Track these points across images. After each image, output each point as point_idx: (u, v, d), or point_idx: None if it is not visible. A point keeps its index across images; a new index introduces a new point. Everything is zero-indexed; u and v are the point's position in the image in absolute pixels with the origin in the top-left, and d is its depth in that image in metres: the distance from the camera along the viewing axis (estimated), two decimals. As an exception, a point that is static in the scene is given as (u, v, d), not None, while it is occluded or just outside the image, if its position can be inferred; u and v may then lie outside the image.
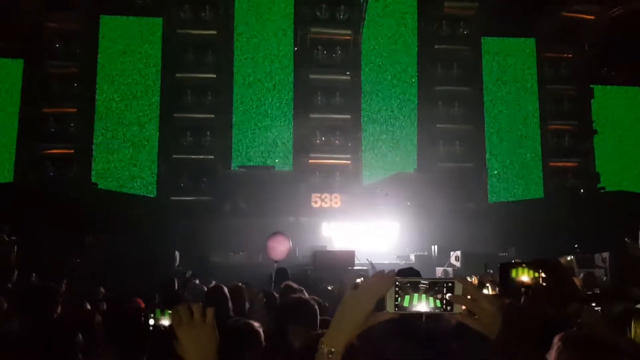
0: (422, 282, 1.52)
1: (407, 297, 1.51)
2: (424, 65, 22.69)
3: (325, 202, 20.33)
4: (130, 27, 21.88)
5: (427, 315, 1.54)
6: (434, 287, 1.51)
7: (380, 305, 1.51)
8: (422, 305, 1.51)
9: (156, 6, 21.63)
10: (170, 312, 1.80)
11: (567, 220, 18.06)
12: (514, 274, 2.17)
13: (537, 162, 22.97)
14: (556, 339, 1.76)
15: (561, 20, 23.32)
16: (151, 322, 2.06)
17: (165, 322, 1.93)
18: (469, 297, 1.47)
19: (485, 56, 23.30)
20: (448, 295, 1.49)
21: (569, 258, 10.34)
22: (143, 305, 3.54)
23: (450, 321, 2.57)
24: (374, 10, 22.45)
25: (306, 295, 4.07)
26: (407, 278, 1.53)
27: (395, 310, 1.50)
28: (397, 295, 1.50)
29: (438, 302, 1.51)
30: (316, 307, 3.13)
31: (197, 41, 21.88)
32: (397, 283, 1.50)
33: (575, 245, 16.15)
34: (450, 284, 1.50)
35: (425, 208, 18.00)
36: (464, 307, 1.50)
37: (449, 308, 1.50)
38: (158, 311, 2.04)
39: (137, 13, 21.96)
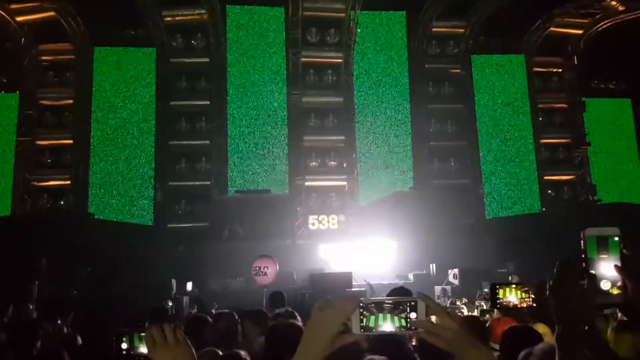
0: (386, 302, 1.54)
1: (372, 318, 1.53)
2: (415, 84, 22.89)
3: (323, 224, 20.32)
4: (124, 58, 22.10)
5: (393, 334, 1.55)
6: (398, 307, 1.52)
7: (347, 326, 1.52)
8: (387, 325, 1.52)
9: (149, 36, 21.89)
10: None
11: (565, 234, 18.01)
12: (501, 294, 2.18)
13: (532, 176, 23.02)
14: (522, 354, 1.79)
15: (549, 36, 23.61)
16: (124, 345, 1.98)
17: (144, 349, 1.88)
18: (432, 317, 1.49)
19: (475, 73, 23.52)
20: (412, 314, 1.51)
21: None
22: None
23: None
24: (364, 32, 22.72)
25: (299, 320, 4.08)
26: (372, 299, 1.55)
27: (361, 331, 1.52)
28: (362, 317, 1.52)
29: (403, 321, 1.52)
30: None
31: (190, 69, 22.12)
32: (361, 304, 1.52)
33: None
34: (413, 303, 1.52)
35: (423, 226, 17.97)
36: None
37: (413, 327, 1.51)
38: (136, 337, 1.99)
39: (130, 44, 22.24)
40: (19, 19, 21.39)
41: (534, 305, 2.15)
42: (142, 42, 22.19)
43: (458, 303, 9.59)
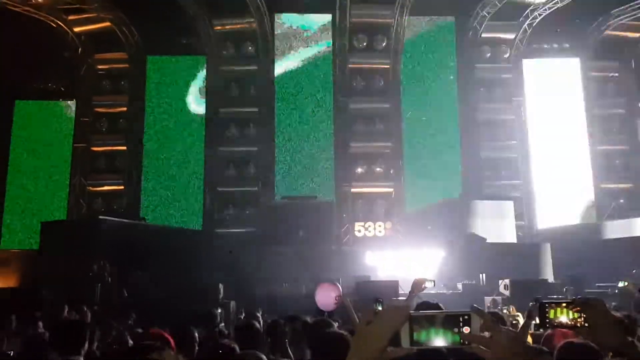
0: (438, 315, 1.48)
1: (423, 332, 1.46)
2: (464, 89, 22.51)
3: (369, 231, 20.19)
4: (175, 66, 22.70)
5: (447, 349, 1.49)
6: (451, 321, 1.46)
7: (396, 340, 1.47)
8: (439, 339, 1.46)
9: (200, 45, 22.39)
10: None
11: (622, 245, 17.30)
12: (552, 314, 2.05)
13: (587, 185, 22.20)
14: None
15: (606, 39, 22.83)
16: None
17: None
18: (485, 332, 1.42)
19: (527, 78, 22.93)
20: (465, 329, 1.45)
21: (620, 284, 9.71)
22: (172, 341, 3.55)
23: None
24: (412, 37, 22.52)
25: (334, 327, 4.02)
26: (423, 312, 1.50)
27: (410, 345, 1.46)
28: (412, 330, 1.46)
29: (456, 336, 1.46)
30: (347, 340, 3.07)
31: (239, 77, 22.48)
32: (412, 317, 1.47)
33: (633, 271, 15.43)
34: (467, 317, 1.45)
35: (472, 235, 17.57)
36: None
37: (466, 342, 1.45)
38: None
39: (182, 52, 22.84)
40: (76, 29, 22.28)
41: (586, 325, 1.99)
42: (193, 51, 22.75)
43: (509, 311, 9.28)
